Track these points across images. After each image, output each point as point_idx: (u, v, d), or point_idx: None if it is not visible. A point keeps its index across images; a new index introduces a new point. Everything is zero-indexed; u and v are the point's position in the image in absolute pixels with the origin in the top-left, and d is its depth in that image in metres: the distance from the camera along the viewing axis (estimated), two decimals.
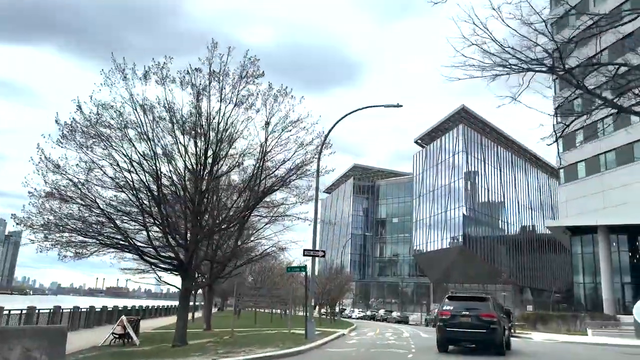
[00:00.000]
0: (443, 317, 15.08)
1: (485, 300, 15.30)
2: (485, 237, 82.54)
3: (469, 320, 14.47)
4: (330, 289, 36.67)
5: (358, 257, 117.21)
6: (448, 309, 15.00)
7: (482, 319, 14.37)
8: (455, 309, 14.83)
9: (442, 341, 15.42)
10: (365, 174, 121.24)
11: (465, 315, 14.53)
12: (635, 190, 36.77)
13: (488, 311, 14.66)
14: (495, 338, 14.49)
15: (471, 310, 14.63)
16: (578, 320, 38.49)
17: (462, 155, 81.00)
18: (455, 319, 14.65)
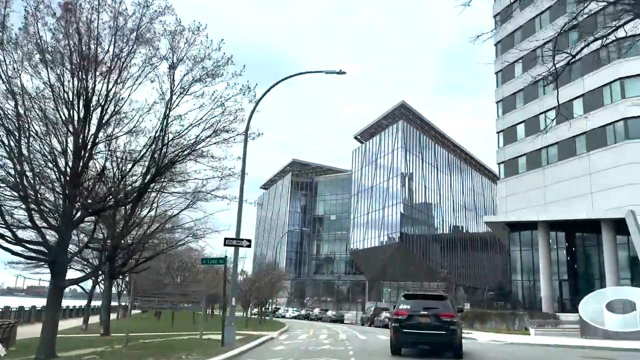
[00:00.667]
0: (399, 317, 13.79)
1: (444, 299, 14.36)
2: (421, 235, 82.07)
3: (427, 320, 13.43)
4: (260, 287, 33.31)
5: (294, 255, 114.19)
6: (405, 309, 13.81)
7: (442, 319, 13.35)
8: (413, 309, 13.70)
9: (398, 344, 14.24)
10: (304, 169, 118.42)
11: (424, 315, 13.48)
12: (577, 185, 36.10)
13: (448, 311, 13.69)
14: (455, 340, 13.49)
15: (430, 310, 13.58)
16: (517, 319, 37.36)
17: (401, 151, 79.96)
18: (412, 319, 13.52)
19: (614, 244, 34.26)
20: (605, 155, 34.09)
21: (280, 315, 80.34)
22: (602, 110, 34.75)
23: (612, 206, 32.94)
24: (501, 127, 44.71)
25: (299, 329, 32.72)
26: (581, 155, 36.16)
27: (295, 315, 77.19)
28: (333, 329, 35.91)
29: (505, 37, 45.61)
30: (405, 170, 79.84)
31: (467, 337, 28.16)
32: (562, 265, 40.17)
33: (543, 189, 39.01)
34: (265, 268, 38.44)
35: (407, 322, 13.59)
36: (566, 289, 39.53)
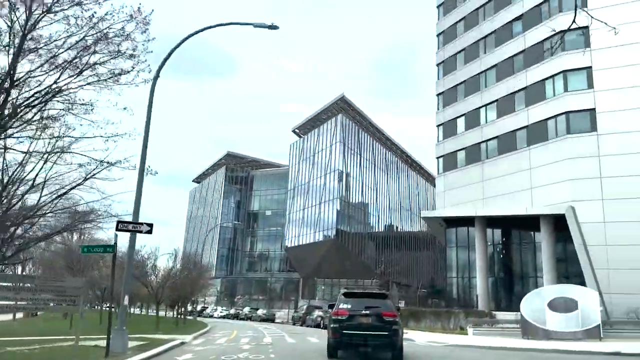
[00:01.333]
0: (339, 317, 12.90)
1: (385, 298, 13.78)
2: (357, 232, 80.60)
3: (369, 320, 12.68)
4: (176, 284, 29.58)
5: (226, 252, 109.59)
6: (345, 308, 12.97)
7: (384, 319, 12.65)
8: (354, 308, 12.88)
9: (337, 346, 13.26)
10: (239, 163, 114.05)
11: (366, 315, 12.72)
12: (517, 180, 35.21)
13: (390, 310, 12.98)
14: (397, 341, 12.78)
15: (371, 309, 12.81)
16: (452, 317, 35.99)
17: (339, 146, 78.03)
18: (353, 319, 12.71)
19: (553, 241, 33.60)
20: (546, 150, 33.34)
21: (208, 315, 76.85)
22: (544, 103, 34.01)
23: (552, 202, 32.17)
24: (441, 121, 43.47)
25: (221, 331, 29.34)
26: (521, 149, 35.31)
27: (224, 314, 73.57)
28: (261, 329, 32.81)
29: (448, 28, 44.51)
30: (342, 166, 77.99)
31: (404, 337, 26.13)
32: (499, 262, 39.41)
33: (482, 183, 37.96)
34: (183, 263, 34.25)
35: (348, 322, 12.73)
36: (502, 287, 38.76)
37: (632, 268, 28.05)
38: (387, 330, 12.55)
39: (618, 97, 30.66)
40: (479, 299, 36.60)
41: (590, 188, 30.28)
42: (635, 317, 26.43)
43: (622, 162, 29.63)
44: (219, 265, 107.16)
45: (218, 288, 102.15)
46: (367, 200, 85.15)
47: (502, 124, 37.19)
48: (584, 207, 30.24)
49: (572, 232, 30.39)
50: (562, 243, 33.66)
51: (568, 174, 31.51)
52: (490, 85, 38.93)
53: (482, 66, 39.79)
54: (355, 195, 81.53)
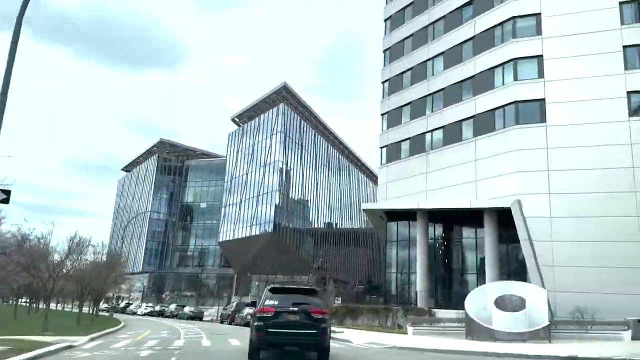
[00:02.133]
0: (264, 314, 11.93)
1: (314, 293, 13.00)
2: (295, 227, 77.70)
3: (297, 318, 11.89)
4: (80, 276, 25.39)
5: (156, 246, 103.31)
6: (272, 305, 12.04)
7: (313, 316, 11.87)
8: (281, 305, 12.02)
9: (260, 346, 12.21)
10: (174, 151, 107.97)
11: (294, 312, 11.93)
12: (462, 172, 33.54)
13: (319, 307, 12.21)
14: (325, 341, 12.07)
15: (300, 306, 11.99)
16: (390, 314, 33.90)
17: (280, 136, 74.77)
18: (280, 317, 11.88)
19: (496, 236, 32.20)
20: (493, 141, 31.85)
21: (131, 312, 72.22)
22: (493, 92, 32.54)
23: (497, 195, 30.68)
24: (385, 109, 41.34)
25: (130, 331, 25.41)
26: (467, 140, 33.70)
27: (149, 311, 68.52)
28: (179, 329, 29.08)
29: (395, 12, 42.53)
30: (282, 158, 74.79)
31: (339, 337, 23.41)
32: (440, 258, 37.80)
33: (425, 175, 36.12)
34: (80, 251, 29.32)
35: (273, 320, 11.80)
36: (442, 284, 37.16)
37: (578, 265, 26.93)
38: (316, 329, 11.80)
39: (568, 87, 29.57)
40: (419, 296, 34.72)
41: (538, 181, 28.99)
42: (580, 316, 25.16)
43: (570, 155, 28.52)
44: (147, 260, 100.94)
45: (145, 283, 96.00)
46: (308, 195, 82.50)
47: (448, 114, 35.49)
48: (531, 201, 28.90)
49: (517, 226, 28.97)
50: (506, 239, 32.35)
51: (515, 166, 30.10)
52: (438, 73, 37.18)
53: (430, 53, 37.98)
54: (295, 188, 78.60)
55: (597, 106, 28.54)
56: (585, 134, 28.38)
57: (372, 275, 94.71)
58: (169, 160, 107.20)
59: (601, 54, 29.16)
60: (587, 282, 26.48)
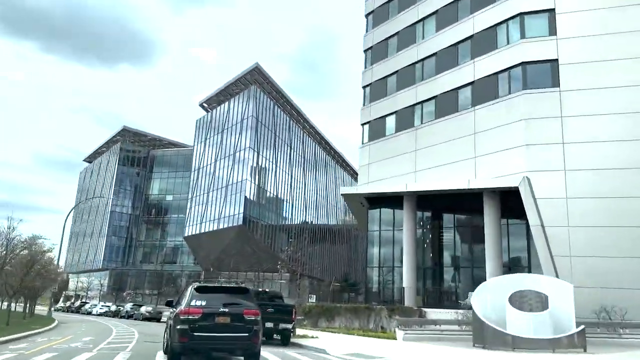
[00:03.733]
0: (190, 317, 10.52)
1: (246, 292, 12.04)
2: (266, 220, 72.07)
3: (227, 320, 10.76)
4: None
5: (117, 241, 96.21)
6: (199, 306, 10.71)
7: (244, 318, 10.88)
8: (210, 306, 10.78)
9: (183, 352, 10.69)
10: (138, 140, 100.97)
11: (225, 314, 10.79)
12: (457, 148, 28.70)
13: (251, 307, 11.21)
14: (257, 345, 11.10)
15: (231, 307, 10.96)
16: (373, 315, 28.97)
17: (251, 121, 69.00)
18: (209, 319, 10.61)
19: (498, 223, 27.48)
20: (496, 110, 27.08)
21: (86, 312, 66.52)
22: (496, 53, 27.78)
23: (501, 173, 25.92)
24: (368, 81, 36.29)
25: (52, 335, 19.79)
26: (465, 111, 28.87)
27: (104, 311, 62.65)
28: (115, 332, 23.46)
29: None
30: (254, 145, 69.07)
31: (312, 344, 18.27)
32: (429, 250, 32.95)
33: (414, 154, 31.18)
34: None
35: (201, 322, 10.53)
36: (432, 280, 32.34)
37: (601, 255, 22.36)
38: (248, 332, 10.99)
39: (585, 46, 25.03)
40: (406, 293, 29.78)
41: (551, 155, 24.34)
42: (607, 316, 20.61)
43: (590, 124, 23.96)
44: (107, 256, 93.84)
45: (104, 281, 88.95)
46: (281, 187, 76.88)
47: (441, 82, 30.63)
48: (542, 179, 24.22)
49: (527, 209, 24.26)
50: (510, 226, 27.71)
51: (523, 139, 25.38)
52: (429, 36, 32.27)
53: (420, 13, 33.05)
54: (267, 179, 72.93)
55: (621, 66, 24.04)
56: (608, 99, 23.84)
57: (350, 273, 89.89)
58: (133, 151, 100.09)
59: (625, 6, 24.69)
60: (611, 275, 21.96)
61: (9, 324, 23.01)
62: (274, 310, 18.83)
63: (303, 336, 21.97)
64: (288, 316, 18.90)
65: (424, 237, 32.91)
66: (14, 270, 24.23)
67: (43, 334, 21.08)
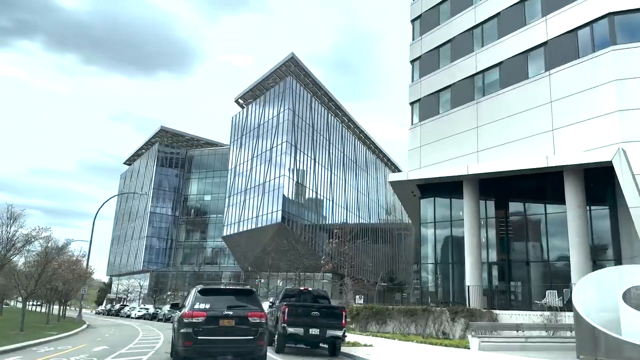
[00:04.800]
0: (194, 320, 10.29)
1: (251, 294, 11.67)
2: (306, 217, 68.78)
3: (232, 324, 10.54)
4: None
5: (158, 243, 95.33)
6: (203, 309, 10.49)
7: (249, 320, 10.65)
8: (214, 308, 10.53)
9: (188, 356, 10.45)
10: (176, 141, 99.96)
11: (229, 317, 10.54)
12: (530, 120, 24.41)
13: (256, 309, 10.95)
14: (262, 347, 10.83)
15: (235, 310, 10.68)
16: (432, 318, 25.02)
17: (288, 114, 65.89)
18: (213, 322, 10.37)
19: (583, 206, 22.96)
20: (578, 72, 22.65)
21: (126, 315, 65.20)
22: (573, 7, 23.37)
23: (587, 147, 21.49)
24: (417, 53, 32.30)
25: (62, 344, 16.96)
26: (537, 77, 24.53)
27: (142, 314, 61.23)
28: (140, 337, 20.61)
29: None
30: (291, 138, 65.96)
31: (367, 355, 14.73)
32: (494, 244, 28.62)
33: (476, 131, 27.02)
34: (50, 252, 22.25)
35: (205, 326, 10.29)
36: (500, 277, 28.03)
37: None
38: (253, 334, 10.62)
39: None
40: (471, 292, 25.60)
41: None
42: None
43: None
44: (148, 258, 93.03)
45: (144, 283, 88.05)
46: (320, 182, 73.42)
47: (506, 46, 26.35)
48: None
49: (623, 187, 19.77)
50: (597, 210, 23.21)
51: (615, 104, 20.90)
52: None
53: None
54: (305, 174, 69.64)
55: None
56: None
57: (395, 272, 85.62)
58: (171, 152, 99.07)
59: None
60: None
61: (23, 330, 20.46)
62: (321, 314, 15.32)
63: (354, 344, 18.36)
64: (338, 321, 15.35)
65: (487, 228, 28.62)
66: (29, 269, 21.93)
67: (55, 342, 18.35)
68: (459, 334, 23.89)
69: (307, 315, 15.13)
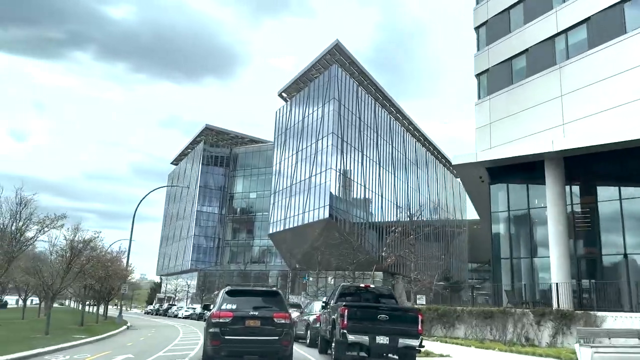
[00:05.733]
0: (220, 320, 10.68)
1: (276, 295, 11.91)
2: (353, 212, 65.38)
3: (258, 324, 10.85)
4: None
5: (205, 242, 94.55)
6: (229, 309, 10.86)
7: (275, 321, 10.94)
8: (240, 309, 10.89)
9: (215, 356, 10.71)
10: (221, 139, 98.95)
11: (254, 317, 10.86)
12: (626, 84, 20.16)
13: (282, 310, 11.26)
14: (288, 347, 11.01)
15: (261, 310, 11.00)
16: (512, 321, 21.21)
17: (334, 104, 62.75)
18: (239, 322, 10.70)
19: None
20: None
21: (173, 315, 64.15)
22: None
23: None
24: (483, 18, 28.29)
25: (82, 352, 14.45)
26: (637, 30, 20.20)
27: (189, 314, 59.95)
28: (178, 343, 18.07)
29: None
30: (337, 130, 62.78)
31: None
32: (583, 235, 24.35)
33: (560, 100, 22.88)
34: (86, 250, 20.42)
35: (231, 326, 10.62)
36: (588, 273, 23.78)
37: None
38: (278, 335, 10.87)
39: None
40: (559, 291, 21.50)
41: None
42: None
43: None
44: (195, 257, 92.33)
45: (191, 282, 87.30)
46: (368, 175, 69.76)
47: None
48: None
49: None
50: None
51: None
52: None
53: None
54: (353, 168, 66.19)
55: None
56: None
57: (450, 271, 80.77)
58: (216, 150, 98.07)
59: None
60: None
61: (48, 333, 18.27)
62: (390, 318, 12.00)
63: (427, 354, 14.95)
64: (413, 326, 11.96)
65: (574, 216, 24.38)
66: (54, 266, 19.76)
67: (77, 347, 15.94)
68: (547, 340, 20.01)
69: (372, 319, 11.89)
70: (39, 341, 15.66)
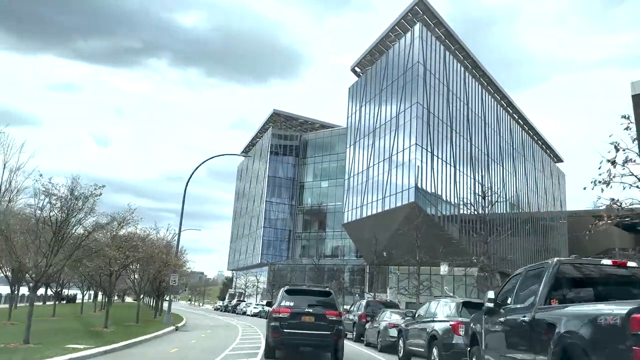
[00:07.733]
0: (280, 315, 12.44)
1: (329, 295, 13.43)
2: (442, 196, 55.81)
3: (312, 320, 12.46)
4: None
5: (274, 234, 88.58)
6: (287, 306, 12.56)
7: (327, 318, 12.47)
8: (297, 306, 12.57)
9: (276, 346, 12.68)
10: (289, 125, 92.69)
11: (309, 313, 12.50)
12: None
13: (334, 308, 12.86)
14: (338, 341, 12.51)
15: (315, 308, 12.62)
16: None
17: (418, 69, 53.54)
18: (296, 318, 12.40)
19: None
20: None
21: (241, 311, 59.14)
22: None
23: None
24: None
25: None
26: None
27: (257, 311, 54.08)
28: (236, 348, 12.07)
29: None
30: (423, 100, 53.57)
31: None
32: None
33: None
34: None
35: (289, 320, 12.38)
36: None
37: None
38: (330, 330, 12.38)
39: None
40: None
41: None
42: None
43: None
44: (265, 251, 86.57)
45: (261, 277, 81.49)
46: (458, 156, 59.75)
47: None
48: None
49: None
50: None
51: None
52: None
53: None
54: (441, 146, 56.53)
55: None
56: None
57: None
58: (285, 135, 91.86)
59: None
60: None
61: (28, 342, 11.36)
62: None
63: None
64: None
65: None
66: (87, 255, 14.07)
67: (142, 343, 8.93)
68: None
69: None
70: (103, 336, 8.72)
